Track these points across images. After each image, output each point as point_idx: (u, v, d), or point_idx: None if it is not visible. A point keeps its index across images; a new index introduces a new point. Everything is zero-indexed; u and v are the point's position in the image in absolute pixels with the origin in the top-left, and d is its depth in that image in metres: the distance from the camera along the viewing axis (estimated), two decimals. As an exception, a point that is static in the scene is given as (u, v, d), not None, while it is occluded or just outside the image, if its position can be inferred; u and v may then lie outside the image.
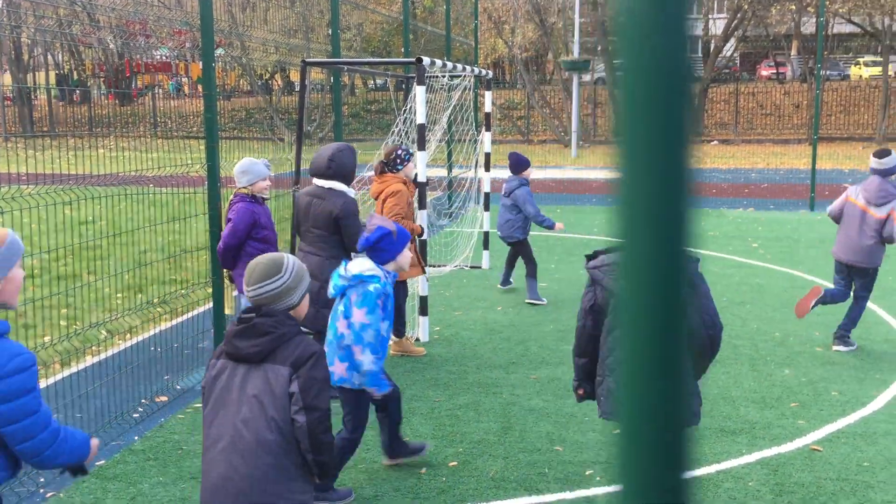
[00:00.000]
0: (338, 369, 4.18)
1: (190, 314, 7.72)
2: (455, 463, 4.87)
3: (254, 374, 2.88)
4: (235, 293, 6.24)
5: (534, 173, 9.57)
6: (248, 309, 3.02)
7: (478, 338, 7.37)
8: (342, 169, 5.67)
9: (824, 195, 17.30)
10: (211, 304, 6.55)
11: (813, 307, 7.05)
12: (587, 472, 4.74)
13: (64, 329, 7.26)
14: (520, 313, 8.20)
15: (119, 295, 8.70)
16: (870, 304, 8.47)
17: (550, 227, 8.63)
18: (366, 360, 4.10)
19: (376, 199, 7.09)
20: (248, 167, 6.05)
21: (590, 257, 3.91)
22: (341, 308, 4.22)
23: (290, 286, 3.03)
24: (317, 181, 5.75)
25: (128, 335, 7.13)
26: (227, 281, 6.29)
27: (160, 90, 37.68)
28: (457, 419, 5.52)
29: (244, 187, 6.04)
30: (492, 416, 5.58)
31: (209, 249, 6.32)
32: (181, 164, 6.52)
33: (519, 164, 8.68)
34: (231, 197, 6.13)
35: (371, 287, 4.13)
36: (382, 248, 4.26)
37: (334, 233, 5.64)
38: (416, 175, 7.06)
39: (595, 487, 4.58)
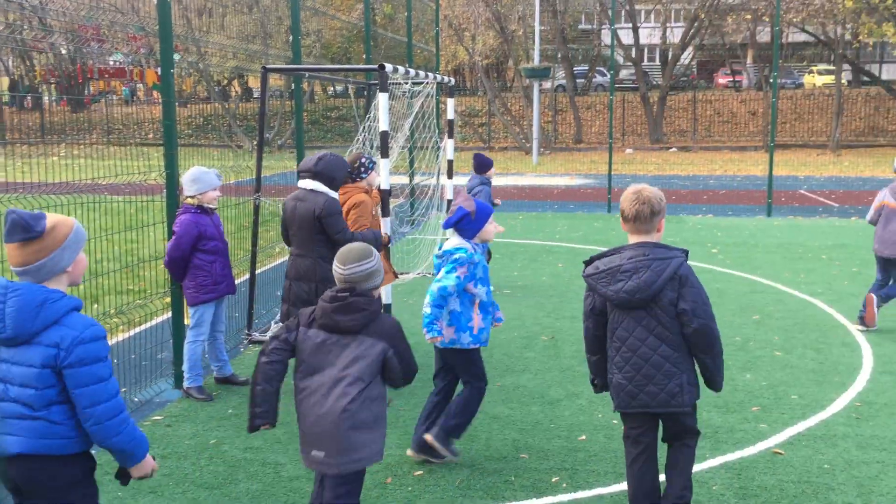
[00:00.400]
0: (447, 333, 4.75)
1: (147, 325, 7.56)
2: (420, 472, 4.82)
3: (349, 342, 3.55)
4: (191, 308, 6.08)
5: (495, 180, 9.63)
6: (341, 289, 3.57)
7: (441, 345, 7.32)
8: (328, 170, 5.68)
9: (780, 201, 17.61)
10: (169, 315, 6.42)
11: (878, 310, 7.68)
12: (553, 479, 4.72)
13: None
14: (483, 320, 8.17)
15: (74, 305, 8.50)
16: (827, 308, 8.62)
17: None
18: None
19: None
20: (198, 176, 5.94)
21: (587, 263, 4.03)
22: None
23: (377, 269, 3.62)
24: (301, 183, 5.76)
25: (83, 347, 6.96)
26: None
27: (114, 96, 37.09)
28: (421, 428, 5.47)
29: (191, 196, 5.92)
30: (456, 424, 5.53)
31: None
32: (137, 171, 6.40)
33: (482, 165, 9.09)
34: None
35: (457, 256, 4.70)
36: (463, 228, 4.76)
37: (319, 232, 5.66)
38: (379, 183, 6.99)
39: (562, 494, 4.57)
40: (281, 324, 7.89)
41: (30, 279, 2.93)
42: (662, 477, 4.15)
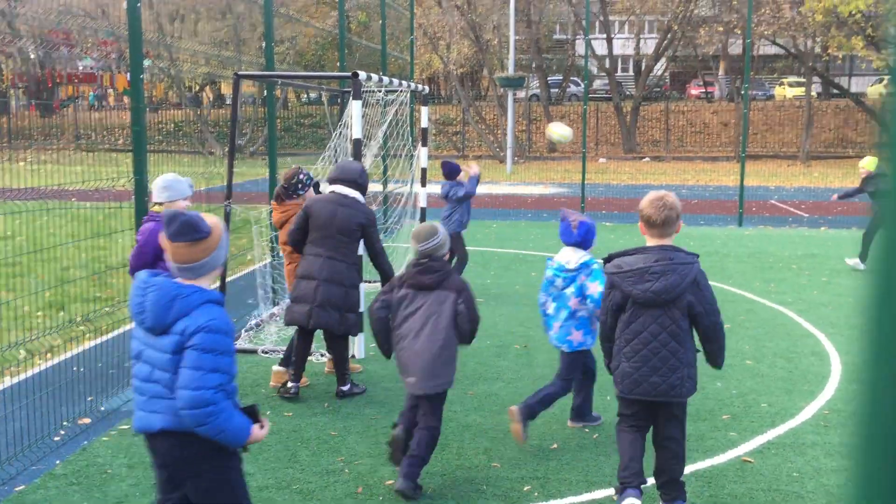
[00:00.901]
0: (576, 337, 5.28)
1: (115, 333, 7.46)
2: (391, 481, 4.77)
3: (430, 296, 4.62)
4: None
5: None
6: (421, 257, 4.65)
7: (414, 354, 7.29)
8: (366, 185, 6.15)
9: (752, 211, 17.79)
10: (138, 322, 6.32)
11: None
12: (525, 488, 4.71)
13: (-20, 349, 6.91)
14: (456, 329, 8.15)
15: (39, 313, 8.36)
16: (796, 318, 8.71)
17: (474, 185, 9.54)
18: (591, 310, 5.21)
19: (280, 228, 6.73)
20: (170, 183, 5.83)
21: (606, 260, 4.35)
22: (571, 290, 5.22)
23: (443, 242, 4.72)
24: (339, 188, 5.95)
25: (48, 355, 6.84)
26: None
27: (83, 101, 36.66)
28: (393, 437, 5.43)
29: (160, 203, 5.81)
30: (428, 433, 5.50)
31: (136, 265, 6.09)
32: (106, 177, 6.30)
33: (452, 171, 9.65)
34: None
35: (594, 266, 5.18)
36: (588, 239, 5.26)
37: (357, 240, 5.98)
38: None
39: (533, 503, 4.55)
40: (254, 329, 7.83)
41: (189, 276, 3.20)
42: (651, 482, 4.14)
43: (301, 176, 6.59)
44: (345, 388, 6.14)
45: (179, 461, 3.18)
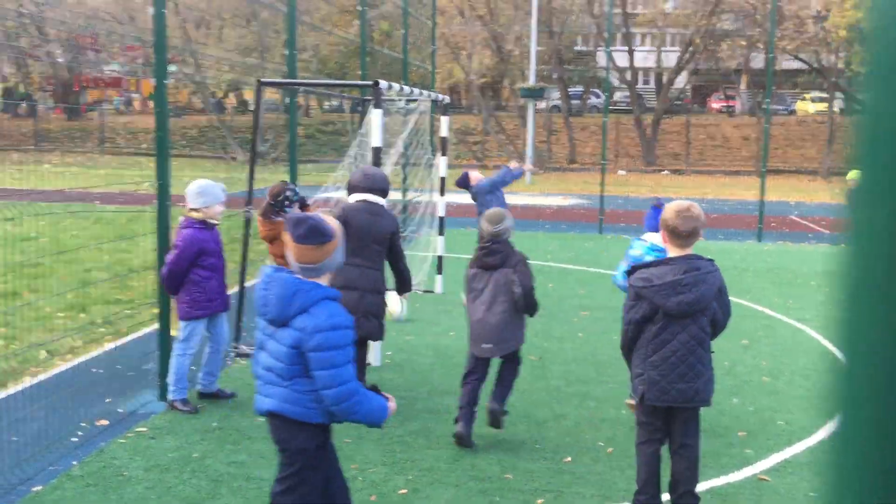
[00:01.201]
0: None
1: (134, 335, 7.52)
2: (405, 490, 4.79)
3: (495, 274, 5.39)
4: (182, 322, 6.00)
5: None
6: (487, 240, 5.42)
7: (429, 363, 7.31)
8: (388, 190, 6.17)
9: (771, 226, 17.69)
10: (157, 325, 6.39)
11: None
12: (538, 501, 4.70)
13: (2, 349, 7.00)
14: (472, 339, 8.16)
15: (61, 314, 8.45)
16: (815, 335, 8.65)
17: (517, 175, 9.92)
18: None
19: (271, 242, 6.49)
20: (205, 188, 5.89)
21: (630, 272, 4.44)
22: None
23: (508, 227, 5.46)
24: (369, 197, 5.93)
25: (69, 356, 6.92)
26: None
27: (108, 105, 37.04)
28: (407, 446, 5.45)
29: (196, 209, 5.88)
30: (442, 442, 5.51)
31: (157, 269, 6.16)
32: (130, 181, 6.38)
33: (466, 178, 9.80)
34: (180, 219, 5.97)
35: None
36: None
37: (386, 248, 6.01)
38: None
39: (545, 517, 4.54)
40: None
41: (311, 275, 3.42)
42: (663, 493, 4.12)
43: (287, 192, 6.32)
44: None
45: (283, 441, 3.50)
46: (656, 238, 5.45)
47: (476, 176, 9.74)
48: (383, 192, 6.02)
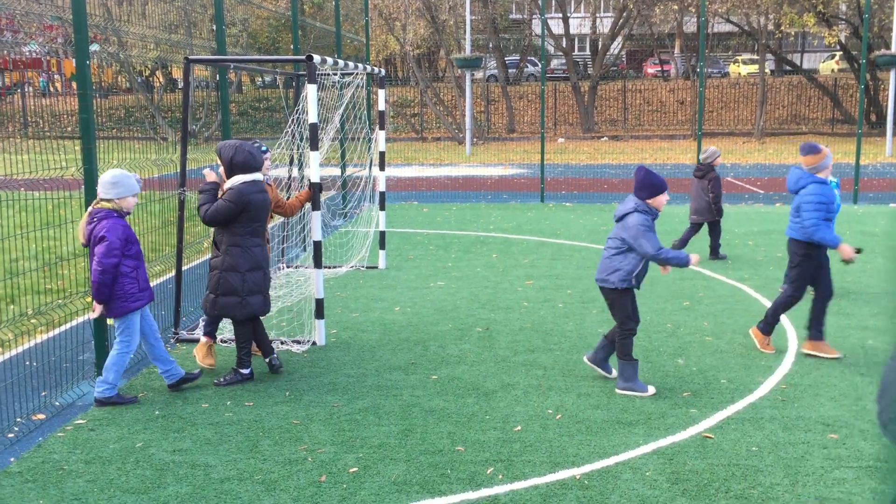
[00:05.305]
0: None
1: (68, 325, 7.29)
2: (356, 469, 4.74)
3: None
4: (118, 320, 5.76)
5: (427, 171, 9.71)
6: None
7: (376, 339, 7.25)
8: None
9: (707, 188, 17.96)
10: (90, 314, 6.18)
11: None
12: (489, 471, 4.71)
13: (-73, 346, 6.71)
14: (418, 313, 8.13)
15: (-9, 307, 8.14)
16: (754, 294, 8.83)
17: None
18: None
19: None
20: (119, 179, 5.65)
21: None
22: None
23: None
24: (257, 176, 6.12)
25: (0, 350, 6.67)
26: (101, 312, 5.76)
27: (30, 88, 35.66)
28: (356, 423, 5.40)
29: (108, 200, 5.63)
30: (392, 418, 5.48)
31: (87, 256, 5.94)
32: (55, 166, 6.13)
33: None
34: (90, 210, 5.69)
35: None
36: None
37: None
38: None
39: (497, 486, 4.55)
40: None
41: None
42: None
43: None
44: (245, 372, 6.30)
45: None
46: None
47: None
48: (260, 170, 6.24)
